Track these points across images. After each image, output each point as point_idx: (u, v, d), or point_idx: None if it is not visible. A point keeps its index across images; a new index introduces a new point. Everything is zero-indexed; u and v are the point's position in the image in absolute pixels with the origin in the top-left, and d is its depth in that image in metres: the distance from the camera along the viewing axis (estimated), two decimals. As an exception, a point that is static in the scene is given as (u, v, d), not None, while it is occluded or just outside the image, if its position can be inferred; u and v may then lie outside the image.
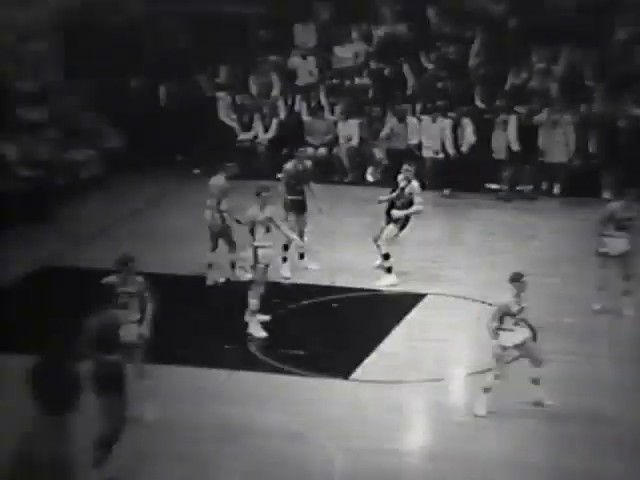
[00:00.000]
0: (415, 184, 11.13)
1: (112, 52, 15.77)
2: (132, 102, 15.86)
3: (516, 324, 8.39)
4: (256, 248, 9.93)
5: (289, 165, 11.58)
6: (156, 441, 8.30)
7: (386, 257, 11.11)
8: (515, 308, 8.39)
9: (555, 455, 7.99)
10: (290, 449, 8.22)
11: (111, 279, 8.56)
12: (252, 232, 9.95)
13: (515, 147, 14.10)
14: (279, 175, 11.98)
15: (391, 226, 11.16)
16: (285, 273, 11.34)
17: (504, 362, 8.47)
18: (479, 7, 16.02)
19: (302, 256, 11.60)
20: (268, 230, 9.97)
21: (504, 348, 8.42)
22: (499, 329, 8.40)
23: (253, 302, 10.02)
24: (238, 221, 10.80)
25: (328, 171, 14.93)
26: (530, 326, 8.66)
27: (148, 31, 16.68)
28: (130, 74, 15.99)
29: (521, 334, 8.45)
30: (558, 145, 14.01)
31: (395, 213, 11.04)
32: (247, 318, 10.12)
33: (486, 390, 8.50)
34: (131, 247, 10.90)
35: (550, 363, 8.67)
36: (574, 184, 13.98)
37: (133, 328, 8.38)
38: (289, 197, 11.42)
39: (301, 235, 11.34)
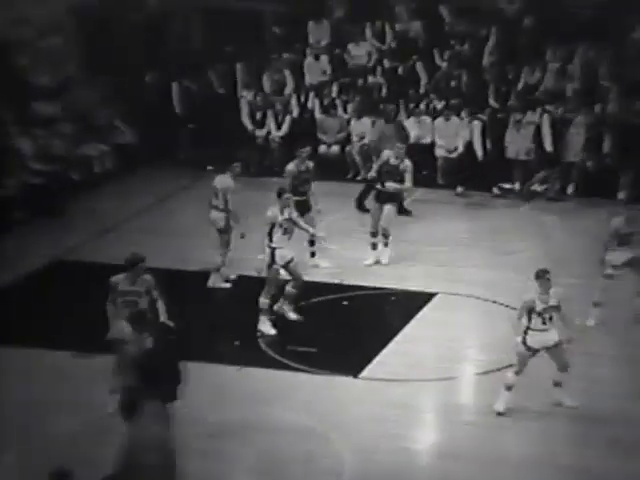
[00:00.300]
0: (408, 162, 11.63)
1: (127, 48, 15.83)
2: (146, 98, 15.91)
3: (544, 323, 8.22)
4: (274, 249, 9.97)
5: (291, 166, 11.60)
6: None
7: (386, 236, 11.65)
8: (540, 306, 8.23)
9: (574, 455, 7.99)
10: (300, 447, 8.25)
11: (118, 278, 8.64)
12: (270, 233, 9.96)
13: (549, 147, 13.98)
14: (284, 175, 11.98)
15: (388, 206, 11.50)
16: (323, 263, 11.47)
17: (526, 362, 8.40)
18: (493, 6, 15.97)
19: (313, 254, 11.63)
20: (286, 231, 10.00)
21: (529, 348, 8.34)
22: (529, 329, 8.28)
23: (264, 302, 10.07)
24: (242, 236, 10.86)
25: (341, 169, 14.92)
26: (569, 326, 8.41)
27: (163, 27, 16.72)
28: (144, 70, 16.03)
29: (552, 336, 8.31)
30: (571, 145, 13.96)
31: (390, 185, 11.48)
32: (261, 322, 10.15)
33: (508, 388, 8.46)
34: (142, 243, 10.99)
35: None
36: (588, 184, 13.91)
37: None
38: (293, 198, 11.45)
39: (310, 235, 11.32)
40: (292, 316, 10.31)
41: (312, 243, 11.50)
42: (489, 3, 16.05)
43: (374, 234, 11.68)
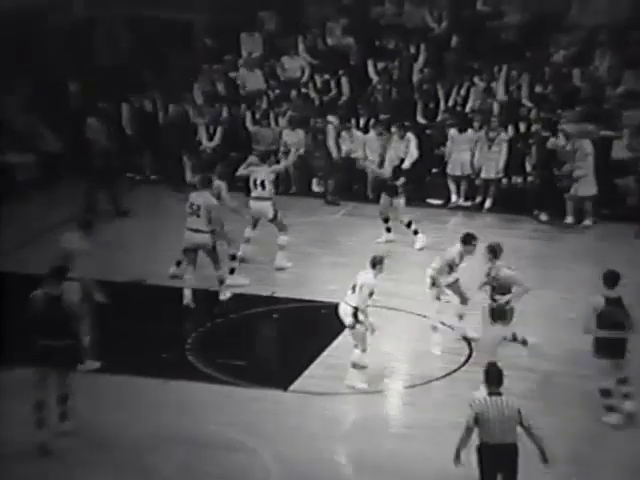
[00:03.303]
0: (411, 135, 13.35)
1: (52, 54, 15.55)
2: (71, 106, 15.67)
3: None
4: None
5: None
6: (92, 450, 8.22)
7: (409, 224, 12.77)
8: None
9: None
10: (228, 459, 8.22)
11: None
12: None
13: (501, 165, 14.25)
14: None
15: (400, 200, 12.72)
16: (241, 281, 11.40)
17: None
18: (420, 25, 16.28)
19: (232, 271, 11.51)
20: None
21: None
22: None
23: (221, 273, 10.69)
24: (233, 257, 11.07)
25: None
26: None
27: (90, 34, 16.50)
28: (69, 78, 15.79)
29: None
30: (491, 162, 14.30)
31: (407, 164, 13.02)
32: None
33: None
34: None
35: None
36: (506, 200, 14.23)
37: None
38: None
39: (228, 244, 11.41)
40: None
41: (233, 257, 11.43)
42: (417, 22, 16.35)
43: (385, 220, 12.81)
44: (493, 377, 7.17)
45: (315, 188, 15.05)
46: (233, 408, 9.03)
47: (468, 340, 10.34)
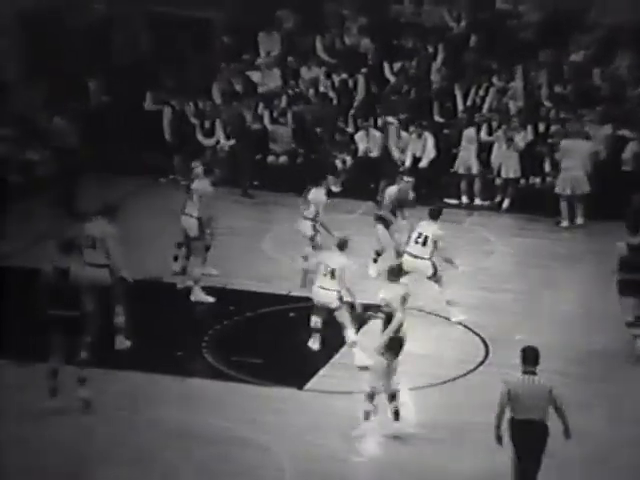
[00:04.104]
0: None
1: (72, 52, 15.63)
2: (91, 103, 15.75)
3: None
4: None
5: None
6: (106, 445, 8.27)
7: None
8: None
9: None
10: (242, 457, 8.24)
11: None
12: None
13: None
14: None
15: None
16: (212, 271, 11.51)
17: None
18: (439, 24, 16.23)
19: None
20: None
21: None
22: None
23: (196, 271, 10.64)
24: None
25: (289, 179, 14.94)
26: None
27: (110, 32, 16.57)
28: (88, 76, 15.87)
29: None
30: (510, 161, 14.24)
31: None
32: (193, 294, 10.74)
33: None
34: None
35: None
36: (525, 201, 14.16)
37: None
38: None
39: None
40: None
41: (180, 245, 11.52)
42: (436, 21, 16.31)
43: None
44: (529, 356, 7.46)
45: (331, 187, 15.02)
46: (248, 406, 9.05)
47: (484, 342, 10.33)
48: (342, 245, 9.87)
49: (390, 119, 14.68)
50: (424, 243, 10.63)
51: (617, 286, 9.84)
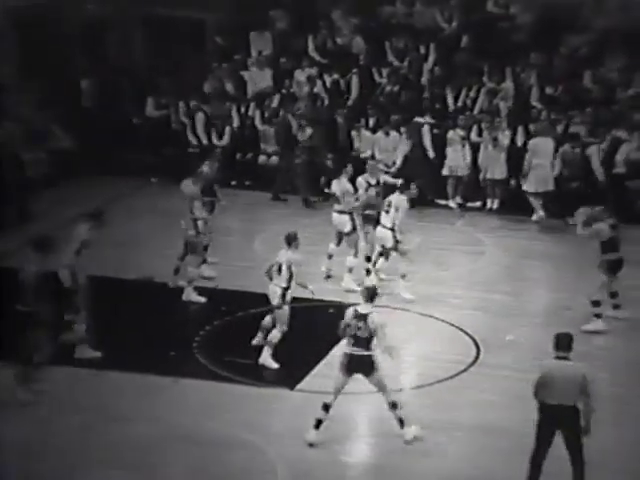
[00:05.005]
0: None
1: (65, 52, 15.61)
2: (83, 104, 15.74)
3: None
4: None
5: (205, 167, 11.72)
6: (100, 448, 8.27)
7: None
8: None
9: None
10: (233, 458, 8.25)
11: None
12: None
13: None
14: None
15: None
16: (210, 273, 11.57)
17: None
18: (430, 25, 16.27)
19: (205, 261, 11.71)
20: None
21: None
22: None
23: (193, 271, 10.71)
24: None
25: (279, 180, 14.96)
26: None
27: (103, 33, 16.56)
28: (81, 75, 15.85)
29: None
30: (497, 163, 14.29)
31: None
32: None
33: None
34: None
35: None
36: (517, 202, 14.19)
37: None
38: (205, 198, 11.56)
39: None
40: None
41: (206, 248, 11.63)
42: (428, 22, 16.34)
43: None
44: (562, 342, 7.50)
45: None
46: (240, 406, 9.05)
47: (475, 341, 10.38)
48: (290, 239, 9.56)
49: (419, 119, 14.66)
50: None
51: (604, 266, 10.41)
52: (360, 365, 8.30)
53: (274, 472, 8.12)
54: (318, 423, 8.40)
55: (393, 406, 8.47)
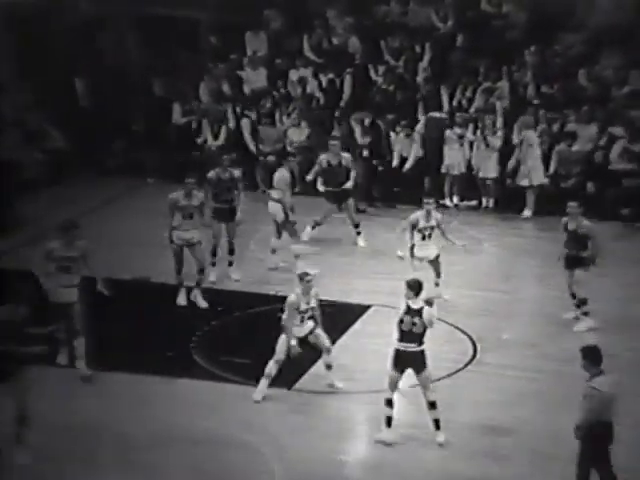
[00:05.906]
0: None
1: (60, 53, 15.61)
2: (77, 104, 15.74)
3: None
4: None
5: (211, 174, 11.62)
6: (96, 447, 8.27)
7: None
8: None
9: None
10: (231, 458, 8.26)
11: (54, 244, 9.12)
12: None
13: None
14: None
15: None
16: (211, 278, 11.52)
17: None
18: (425, 24, 16.29)
19: (231, 263, 11.70)
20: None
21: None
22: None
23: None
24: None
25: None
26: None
27: (98, 32, 16.55)
28: (74, 76, 15.84)
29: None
30: (489, 161, 14.29)
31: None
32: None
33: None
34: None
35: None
36: (513, 200, 14.23)
37: (73, 292, 9.12)
38: (216, 205, 11.47)
39: (230, 244, 11.58)
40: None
41: (231, 252, 11.65)
42: (422, 21, 16.36)
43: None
44: (596, 357, 7.43)
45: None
46: (237, 406, 9.06)
47: (472, 340, 10.39)
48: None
49: (435, 114, 14.71)
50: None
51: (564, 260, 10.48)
52: (413, 361, 8.39)
53: (271, 472, 8.12)
54: (389, 420, 8.43)
55: (432, 405, 8.46)
